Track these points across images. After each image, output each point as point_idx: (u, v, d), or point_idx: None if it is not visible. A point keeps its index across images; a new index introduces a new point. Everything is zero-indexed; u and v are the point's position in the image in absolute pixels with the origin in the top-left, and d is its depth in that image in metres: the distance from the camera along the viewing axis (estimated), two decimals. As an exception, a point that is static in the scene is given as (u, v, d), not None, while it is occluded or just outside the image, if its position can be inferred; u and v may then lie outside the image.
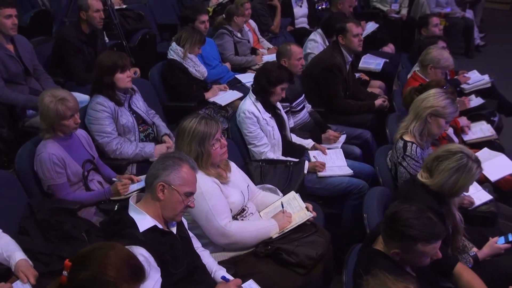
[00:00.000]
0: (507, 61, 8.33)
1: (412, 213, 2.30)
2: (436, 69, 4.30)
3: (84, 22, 4.71)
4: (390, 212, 2.36)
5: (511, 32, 10.11)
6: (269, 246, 2.86)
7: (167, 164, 2.45)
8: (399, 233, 2.28)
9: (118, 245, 1.89)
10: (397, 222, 2.30)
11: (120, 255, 1.83)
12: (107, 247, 1.86)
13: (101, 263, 1.79)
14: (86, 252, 1.85)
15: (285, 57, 4.30)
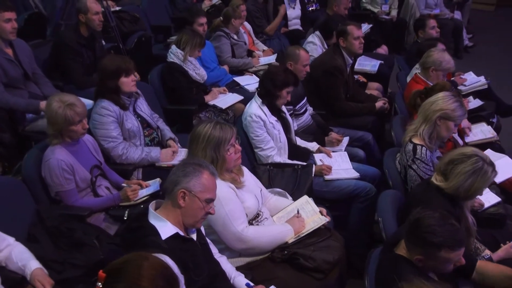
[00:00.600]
0: (496, 61, 8.44)
1: (435, 219, 2.31)
2: (438, 72, 4.32)
3: (83, 25, 4.66)
4: (413, 218, 2.37)
5: (497, 33, 10.24)
6: (285, 251, 2.85)
7: (187, 171, 2.43)
8: (422, 240, 2.29)
9: (152, 255, 1.86)
10: (420, 228, 2.31)
11: (154, 265, 1.80)
12: (140, 258, 1.83)
13: (136, 274, 1.76)
14: (120, 264, 1.82)
15: (293, 60, 4.29)
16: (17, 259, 2.68)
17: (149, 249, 2.25)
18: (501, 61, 8.50)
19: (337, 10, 6.30)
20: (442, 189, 2.82)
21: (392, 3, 8.54)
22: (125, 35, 5.62)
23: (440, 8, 8.66)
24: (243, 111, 3.92)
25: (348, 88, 4.82)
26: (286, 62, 4.35)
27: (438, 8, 8.65)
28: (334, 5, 6.30)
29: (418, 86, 4.34)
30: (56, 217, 3.10)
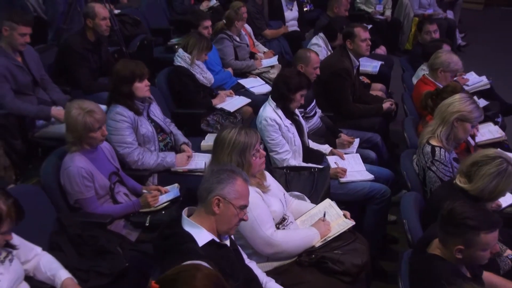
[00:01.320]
0: (490, 60, 8.54)
1: (467, 207, 2.37)
2: (446, 73, 4.37)
3: (90, 29, 4.62)
4: (445, 211, 2.40)
5: (487, 32, 10.38)
6: (313, 255, 2.86)
7: (221, 178, 2.42)
8: (460, 227, 2.33)
9: (203, 265, 1.86)
10: (456, 217, 2.35)
11: (207, 276, 1.80)
12: (193, 268, 1.82)
13: (189, 285, 1.76)
14: (173, 275, 1.82)
15: (303, 63, 4.31)
16: (46, 269, 2.66)
17: (186, 256, 2.26)
18: (495, 60, 8.62)
19: (337, 12, 6.34)
20: (466, 191, 2.86)
21: (386, 3, 8.60)
22: (127, 39, 5.59)
23: (433, 8, 8.74)
24: (258, 115, 3.92)
25: (355, 90, 4.84)
26: (296, 65, 4.36)
27: (432, 8, 8.74)
28: (334, 6, 6.34)
29: (426, 87, 4.38)
30: (78, 224, 3.09)
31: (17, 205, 2.37)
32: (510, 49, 9.36)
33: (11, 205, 2.32)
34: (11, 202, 2.33)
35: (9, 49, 4.03)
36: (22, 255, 2.61)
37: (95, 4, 4.63)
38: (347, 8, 6.53)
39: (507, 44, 9.61)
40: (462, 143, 3.86)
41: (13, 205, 2.35)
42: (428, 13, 8.57)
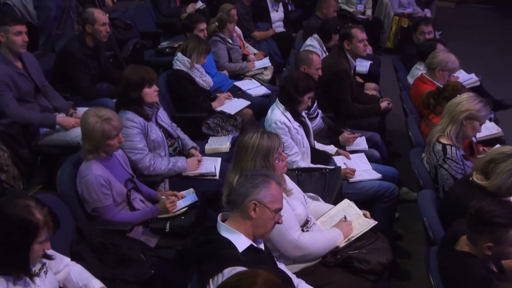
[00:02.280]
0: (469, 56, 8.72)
1: (495, 205, 2.44)
2: (444, 72, 4.48)
3: (89, 35, 4.58)
4: (473, 210, 2.47)
5: (461, 29, 10.62)
6: (338, 256, 2.91)
7: (256, 182, 2.45)
8: (489, 225, 2.39)
9: (262, 271, 1.88)
10: (484, 215, 2.41)
11: (267, 282, 1.81)
12: (253, 275, 1.84)
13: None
14: (235, 281, 1.83)
15: (306, 64, 4.36)
16: (77, 279, 2.64)
17: (228, 262, 2.29)
18: (472, 56, 8.81)
19: (326, 13, 6.41)
20: (484, 187, 2.94)
21: (366, 3, 8.72)
22: (120, 43, 5.54)
23: (412, 7, 8.91)
24: (266, 118, 3.94)
25: (353, 90, 4.92)
26: (299, 67, 4.41)
27: (411, 7, 8.90)
28: (323, 7, 6.41)
29: (425, 86, 4.49)
30: (99, 233, 3.07)
31: (52, 213, 2.35)
32: (485, 46, 9.61)
33: (47, 213, 2.30)
34: (46, 210, 2.31)
35: (10, 55, 3.96)
36: (54, 266, 2.59)
37: (94, 10, 4.58)
38: (335, 9, 6.61)
39: (482, 40, 9.86)
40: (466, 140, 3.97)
41: (49, 213, 2.32)
42: (407, 12, 8.73)
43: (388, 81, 6.33)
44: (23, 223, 2.21)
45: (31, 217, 2.22)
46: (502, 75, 7.61)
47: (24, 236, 2.22)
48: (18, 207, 2.25)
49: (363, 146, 4.35)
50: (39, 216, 2.26)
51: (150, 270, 2.95)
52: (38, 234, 2.25)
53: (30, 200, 2.31)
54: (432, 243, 2.89)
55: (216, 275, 2.30)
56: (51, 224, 2.30)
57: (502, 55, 9.21)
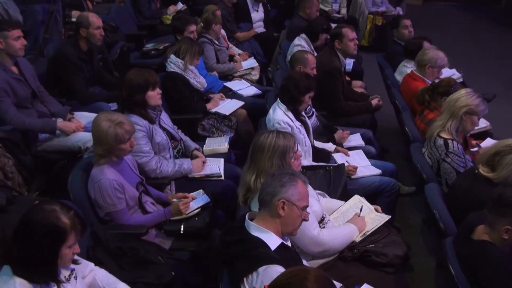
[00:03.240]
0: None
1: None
2: (434, 68, 4.63)
3: (83, 39, 4.54)
4: (496, 195, 2.59)
5: (429, 26, 10.84)
6: (355, 250, 2.99)
7: (284, 181, 2.50)
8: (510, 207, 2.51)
9: (311, 269, 1.94)
10: (506, 200, 2.54)
11: (317, 279, 1.87)
12: (304, 272, 1.90)
13: (303, 287, 1.83)
14: (286, 279, 1.89)
15: (302, 64, 4.44)
16: (104, 284, 2.64)
17: (262, 261, 2.34)
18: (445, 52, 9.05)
19: (309, 12, 6.50)
20: (490, 179, 3.07)
21: (341, 1, 8.82)
22: (107, 46, 5.50)
23: (385, 5, 9.09)
24: (268, 118, 3.99)
25: (344, 88, 5.01)
26: (294, 67, 4.48)
27: (384, 5, 9.08)
28: (306, 7, 6.49)
29: (416, 83, 4.63)
30: (114, 237, 3.07)
31: (79, 216, 2.35)
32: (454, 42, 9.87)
33: (73, 217, 2.29)
34: (72, 214, 2.30)
35: (6, 61, 3.90)
36: (80, 271, 2.58)
37: (89, 13, 4.56)
38: (318, 8, 6.71)
39: (451, 37, 10.12)
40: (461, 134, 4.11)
41: (75, 216, 2.32)
42: (381, 10, 8.91)
43: (369, 78, 6.46)
44: (51, 229, 2.20)
45: (57, 222, 2.22)
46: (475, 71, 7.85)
47: (52, 242, 2.21)
48: (44, 213, 2.24)
49: (360, 142, 4.45)
50: (66, 220, 2.25)
51: (170, 272, 2.97)
52: (67, 239, 2.25)
53: (55, 205, 2.30)
54: (445, 235, 2.99)
55: (251, 274, 2.34)
56: (79, 227, 2.30)
57: (473, 50, 9.48)
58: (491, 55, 9.25)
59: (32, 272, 2.22)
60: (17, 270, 2.21)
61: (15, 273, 2.20)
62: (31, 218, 2.24)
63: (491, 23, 11.31)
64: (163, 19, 7.12)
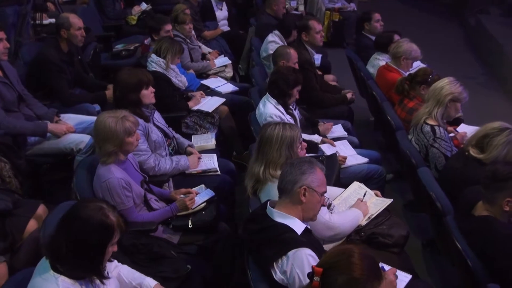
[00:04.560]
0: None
1: (508, 166, 2.80)
2: (408, 60, 4.86)
3: (64, 40, 4.50)
4: (489, 174, 2.81)
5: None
6: (362, 233, 3.13)
7: (304, 169, 2.61)
8: (508, 181, 2.74)
9: (355, 246, 2.06)
10: (501, 175, 2.76)
11: (362, 257, 1.99)
12: (348, 250, 2.01)
13: (349, 266, 1.95)
14: (333, 257, 2.00)
15: (285, 59, 4.56)
16: (129, 279, 2.68)
17: (291, 245, 2.45)
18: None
19: (276, 9, 6.64)
20: (481, 160, 3.28)
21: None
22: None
23: (341, 2, 9.34)
24: (258, 113, 4.10)
25: (317, 81, 5.17)
26: (278, 62, 4.59)
27: (339, 1, 9.33)
28: (273, 5, 6.62)
29: (391, 74, 4.85)
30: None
31: (121, 215, 2.39)
32: (406, 36, 10.22)
33: (118, 216, 2.33)
34: (117, 213, 2.34)
35: None
36: (107, 268, 2.60)
37: (69, 15, 4.52)
38: (284, 5, 6.87)
39: (402, 31, 10.46)
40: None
41: (119, 215, 2.36)
42: (337, 7, 9.14)
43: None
44: (101, 225, 2.24)
45: (107, 219, 2.25)
46: (428, 62, 8.20)
47: (102, 238, 2.25)
48: (93, 210, 2.27)
49: (343, 133, 4.60)
50: (113, 218, 2.29)
51: (186, 265, 3.02)
52: (114, 236, 2.28)
53: (99, 202, 2.34)
54: (443, 214, 3.17)
55: (280, 258, 2.45)
56: (123, 225, 2.34)
57: (424, 43, 9.83)
58: (442, 47, 9.64)
59: (77, 269, 2.25)
60: (60, 267, 2.22)
61: (55, 270, 2.22)
62: (79, 215, 2.26)
63: (439, 15, 11.74)
64: (128, 20, 7.09)
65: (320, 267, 1.99)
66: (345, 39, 9.02)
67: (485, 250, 2.73)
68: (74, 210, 2.28)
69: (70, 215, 2.30)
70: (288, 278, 2.42)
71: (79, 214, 2.25)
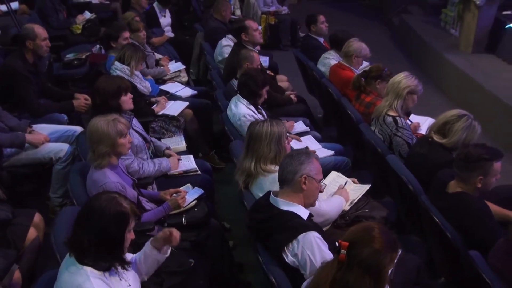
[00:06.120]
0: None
1: (478, 148, 3.15)
2: (359, 58, 5.22)
3: (29, 51, 4.50)
4: (462, 155, 3.17)
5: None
6: (347, 217, 3.41)
7: (302, 159, 2.86)
8: (479, 161, 3.09)
9: (375, 223, 2.31)
10: (473, 156, 3.11)
11: (381, 231, 2.24)
12: (368, 227, 2.26)
13: (371, 239, 2.21)
14: (356, 233, 2.24)
15: (249, 61, 4.79)
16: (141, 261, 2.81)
17: (300, 229, 2.70)
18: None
19: (225, 15, 6.83)
20: (444, 144, 3.65)
21: (234, 3, 9.22)
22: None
23: (275, 5, 9.67)
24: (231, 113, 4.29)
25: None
26: (242, 64, 4.81)
27: (274, 5, 9.66)
28: (222, 10, 6.80)
29: (345, 72, 5.20)
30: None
31: (133, 202, 2.54)
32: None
33: (130, 203, 2.49)
34: (129, 201, 2.50)
35: None
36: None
37: (34, 25, 4.52)
38: (231, 11, 7.08)
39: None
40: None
41: (132, 202, 2.53)
42: (273, 10, 9.47)
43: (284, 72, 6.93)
44: (117, 214, 2.40)
45: (121, 208, 2.42)
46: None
47: (119, 226, 2.41)
48: (106, 201, 2.42)
49: (304, 128, 4.88)
50: (126, 205, 2.46)
51: (188, 260, 3.18)
52: (129, 222, 2.44)
53: (112, 193, 2.51)
54: (415, 195, 3.50)
55: (291, 242, 2.68)
56: (137, 211, 2.50)
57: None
58: (371, 46, 10.02)
59: (102, 259, 2.39)
60: (85, 259, 2.36)
61: (81, 263, 2.35)
62: (94, 208, 2.41)
63: (363, 16, 12.34)
64: (73, 29, 7.05)
65: (347, 241, 2.22)
66: (281, 41, 9.36)
67: (462, 222, 3.08)
68: (89, 205, 2.44)
69: (86, 210, 2.45)
70: (300, 260, 2.66)
71: (94, 208, 2.40)
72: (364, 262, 2.16)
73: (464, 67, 7.16)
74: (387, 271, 2.21)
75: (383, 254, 2.18)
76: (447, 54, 7.69)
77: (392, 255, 2.22)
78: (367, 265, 2.16)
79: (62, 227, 2.86)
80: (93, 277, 2.33)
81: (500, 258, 2.80)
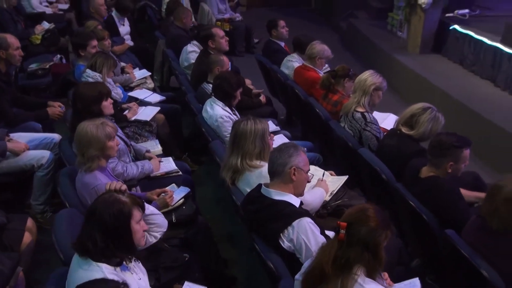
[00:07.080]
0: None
1: (449, 135, 3.43)
2: (322, 59, 5.49)
3: (2, 61, 4.52)
4: (435, 143, 3.44)
5: (258, 28, 11.83)
6: (328, 207, 3.63)
7: (291, 152, 3.05)
8: (450, 148, 3.36)
9: (369, 204, 2.52)
10: (445, 143, 3.38)
11: (375, 211, 2.45)
12: (363, 206, 2.48)
13: (371, 218, 2.42)
14: (352, 214, 2.45)
15: (219, 65, 4.96)
16: None
17: (294, 216, 2.90)
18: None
19: (186, 22, 6.97)
20: (412, 136, 3.93)
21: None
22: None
23: (229, 13, 9.87)
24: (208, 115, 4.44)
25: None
26: (213, 68, 4.97)
27: (228, 12, 9.85)
28: (183, 17, 6.94)
29: (310, 73, 5.45)
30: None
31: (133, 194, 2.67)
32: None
33: (130, 196, 2.65)
34: (128, 194, 2.65)
35: None
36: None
37: (6, 35, 4.53)
38: (191, 18, 7.22)
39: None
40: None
41: (131, 195, 2.69)
42: (227, 17, 9.65)
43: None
44: (115, 208, 2.53)
45: (119, 202, 2.56)
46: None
47: (121, 219, 2.54)
48: (105, 200, 2.58)
49: (274, 127, 5.06)
50: (125, 199, 2.60)
51: (183, 255, 3.31)
52: (132, 213, 2.57)
53: (110, 192, 2.69)
54: (390, 183, 3.75)
55: (286, 229, 2.87)
56: (140, 201, 2.63)
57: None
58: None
59: (113, 254, 2.52)
60: (98, 256, 2.49)
61: (95, 260, 2.47)
62: (96, 209, 2.55)
63: (311, 21, 12.69)
64: (32, 39, 7.00)
65: (345, 221, 2.42)
66: (236, 47, 9.55)
67: (435, 204, 3.34)
68: (91, 207, 2.59)
69: (89, 212, 2.59)
70: (295, 245, 2.85)
71: (96, 209, 2.55)
72: (363, 239, 2.37)
73: (413, 67, 7.58)
74: (383, 248, 2.43)
75: (378, 231, 2.39)
76: (397, 55, 8.10)
77: (387, 232, 2.44)
78: (366, 242, 2.37)
79: (61, 229, 2.95)
80: (108, 273, 2.44)
81: (473, 234, 3.08)
